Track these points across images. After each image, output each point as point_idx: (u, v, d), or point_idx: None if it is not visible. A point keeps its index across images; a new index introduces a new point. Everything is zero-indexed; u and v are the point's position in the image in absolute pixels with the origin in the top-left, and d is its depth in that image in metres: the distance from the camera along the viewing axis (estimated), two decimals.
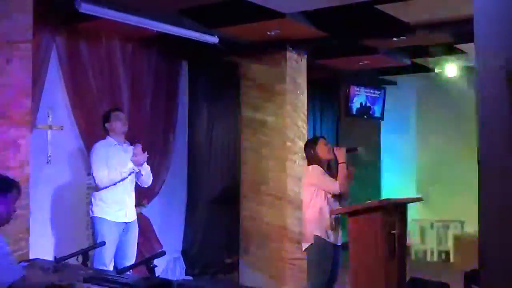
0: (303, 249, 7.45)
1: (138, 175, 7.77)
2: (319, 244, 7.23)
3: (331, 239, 7.29)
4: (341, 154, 7.46)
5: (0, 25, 6.45)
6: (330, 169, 7.59)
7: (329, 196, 7.34)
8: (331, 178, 7.39)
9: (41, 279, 5.13)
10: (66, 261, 5.69)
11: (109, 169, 7.50)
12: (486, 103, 3.41)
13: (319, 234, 7.22)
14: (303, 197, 7.55)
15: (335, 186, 7.29)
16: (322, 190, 7.32)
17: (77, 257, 5.80)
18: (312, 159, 7.53)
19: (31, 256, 6.68)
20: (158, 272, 5.67)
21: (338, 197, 7.44)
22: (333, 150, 7.60)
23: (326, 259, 7.27)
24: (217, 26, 9.07)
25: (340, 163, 7.41)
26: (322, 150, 7.51)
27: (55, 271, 5.37)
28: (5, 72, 6.47)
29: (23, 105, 6.70)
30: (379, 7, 8.16)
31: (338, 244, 7.38)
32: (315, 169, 7.43)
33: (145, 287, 4.89)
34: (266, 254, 10.17)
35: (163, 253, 5.79)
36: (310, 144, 7.68)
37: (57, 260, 5.64)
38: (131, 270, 5.99)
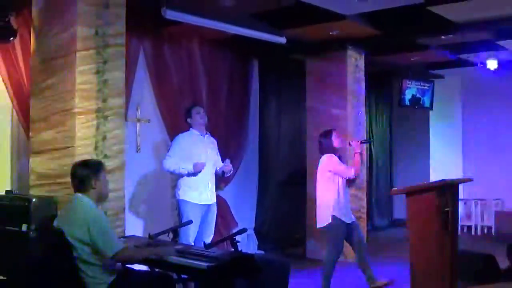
0: (319, 227, 7.71)
1: (225, 175, 8.11)
2: (336, 223, 7.55)
3: (345, 219, 7.62)
4: (356, 145, 7.85)
5: (100, 32, 6.58)
6: (340, 158, 7.86)
7: (343, 181, 7.64)
8: (346, 166, 7.82)
9: (140, 249, 5.24)
10: (159, 237, 5.80)
11: (192, 157, 7.62)
12: None
13: (336, 215, 7.54)
14: (320, 182, 7.75)
15: (350, 172, 7.62)
16: (339, 176, 7.62)
17: (168, 234, 5.88)
18: (327, 148, 7.74)
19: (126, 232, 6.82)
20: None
21: (349, 181, 7.80)
22: (349, 142, 8.07)
23: (341, 237, 7.62)
24: (284, 27, 9.08)
25: (356, 153, 7.84)
26: (336, 140, 7.75)
27: (150, 245, 5.46)
28: (103, 72, 6.58)
29: (118, 101, 6.81)
30: (429, 8, 8.10)
31: (351, 222, 7.72)
32: (332, 158, 7.68)
33: (231, 260, 4.95)
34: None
35: (245, 230, 5.87)
36: (325, 136, 7.86)
37: (151, 236, 5.73)
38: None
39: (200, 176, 7.65)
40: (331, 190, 7.58)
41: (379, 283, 7.86)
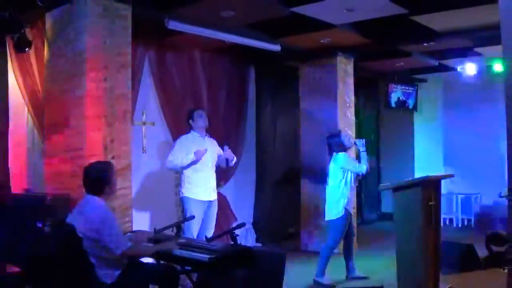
0: (330, 219, 7.85)
1: (229, 162, 8.11)
2: (346, 216, 7.74)
3: (351, 212, 7.93)
4: (361, 144, 7.92)
5: (108, 42, 6.61)
6: None
7: (353, 177, 7.80)
8: (358, 163, 7.86)
9: (145, 247, 5.25)
10: (163, 231, 5.81)
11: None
12: None
13: (348, 208, 7.75)
14: (332, 178, 7.85)
15: (363, 168, 7.76)
16: (351, 172, 7.76)
17: (172, 229, 5.89)
18: (337, 147, 7.84)
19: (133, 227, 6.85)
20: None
21: (358, 177, 7.96)
22: (354, 142, 8.08)
23: (346, 228, 7.80)
24: (279, 36, 9.08)
25: (362, 151, 7.88)
26: (345, 139, 7.90)
27: (155, 240, 5.48)
28: (111, 79, 6.61)
29: (125, 106, 6.84)
30: (413, 17, 8.13)
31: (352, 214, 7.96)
32: (345, 156, 7.83)
33: (231, 252, 4.97)
34: (321, 224, 10.17)
35: (243, 225, 5.90)
36: (335, 136, 8.02)
37: (156, 231, 5.74)
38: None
39: (201, 174, 7.67)
40: (344, 186, 7.70)
41: (357, 275, 7.93)
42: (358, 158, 8.07)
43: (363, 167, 7.75)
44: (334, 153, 7.85)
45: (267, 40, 9.07)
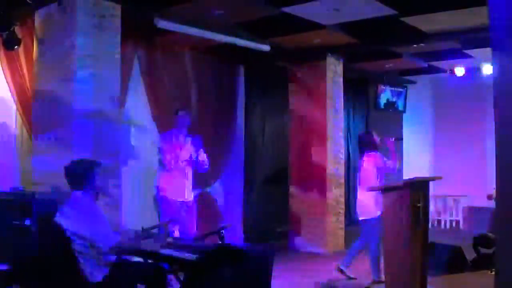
0: (365, 218, 7.71)
1: (197, 161, 7.80)
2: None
3: None
4: (390, 143, 7.84)
5: (97, 41, 6.61)
6: None
7: (382, 177, 7.71)
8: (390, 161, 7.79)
9: (132, 245, 5.24)
10: (151, 230, 5.80)
11: (172, 155, 7.59)
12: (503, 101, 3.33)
13: None
14: (367, 177, 7.74)
15: (395, 166, 7.75)
16: (384, 171, 7.71)
17: (160, 228, 5.88)
18: (370, 146, 7.80)
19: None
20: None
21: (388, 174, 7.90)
22: (385, 139, 7.94)
23: None
24: (269, 36, 9.11)
25: (391, 149, 7.81)
26: (376, 139, 7.86)
27: (142, 238, 5.47)
28: (100, 78, 6.61)
29: (114, 105, 6.83)
30: (402, 19, 8.16)
31: None
32: (379, 156, 7.75)
33: (218, 252, 4.97)
34: (310, 224, 10.20)
35: (229, 225, 5.92)
36: (368, 136, 7.98)
37: (143, 229, 5.74)
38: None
39: (176, 173, 7.61)
40: (378, 184, 7.60)
41: (345, 272, 7.90)
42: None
43: (395, 166, 7.75)
44: (366, 153, 7.84)
45: (257, 40, 9.08)
